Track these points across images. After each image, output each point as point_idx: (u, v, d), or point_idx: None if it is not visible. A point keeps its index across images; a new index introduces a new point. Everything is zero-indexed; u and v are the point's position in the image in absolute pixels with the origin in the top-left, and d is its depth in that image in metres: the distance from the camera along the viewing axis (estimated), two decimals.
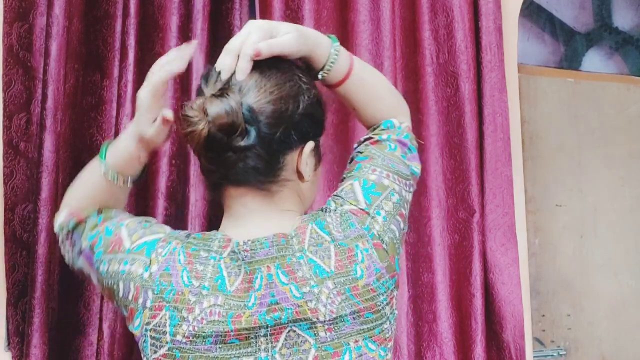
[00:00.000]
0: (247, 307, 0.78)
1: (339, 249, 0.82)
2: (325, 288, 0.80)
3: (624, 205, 2.22)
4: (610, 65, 2.43)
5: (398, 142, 0.94)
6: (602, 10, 2.42)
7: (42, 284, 1.32)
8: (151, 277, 0.80)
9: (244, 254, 0.80)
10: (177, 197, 1.47)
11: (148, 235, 0.85)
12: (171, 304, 0.79)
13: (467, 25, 1.72)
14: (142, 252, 0.83)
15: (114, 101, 1.46)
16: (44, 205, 1.33)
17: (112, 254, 0.85)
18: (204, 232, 0.85)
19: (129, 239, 0.85)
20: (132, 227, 0.87)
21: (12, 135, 1.38)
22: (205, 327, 0.77)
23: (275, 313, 0.78)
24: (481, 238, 1.70)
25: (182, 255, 0.81)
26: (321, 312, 0.79)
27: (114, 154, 0.91)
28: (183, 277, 0.79)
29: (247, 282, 0.79)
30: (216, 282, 0.79)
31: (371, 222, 0.85)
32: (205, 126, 0.77)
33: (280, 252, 0.81)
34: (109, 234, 0.87)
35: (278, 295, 0.78)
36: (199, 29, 1.49)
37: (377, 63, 1.63)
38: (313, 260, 0.81)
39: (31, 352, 1.31)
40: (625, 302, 2.19)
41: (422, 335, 1.67)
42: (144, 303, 0.80)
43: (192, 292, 0.79)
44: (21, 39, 1.40)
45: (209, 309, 0.78)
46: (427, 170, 1.69)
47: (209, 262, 0.80)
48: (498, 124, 1.74)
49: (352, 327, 0.81)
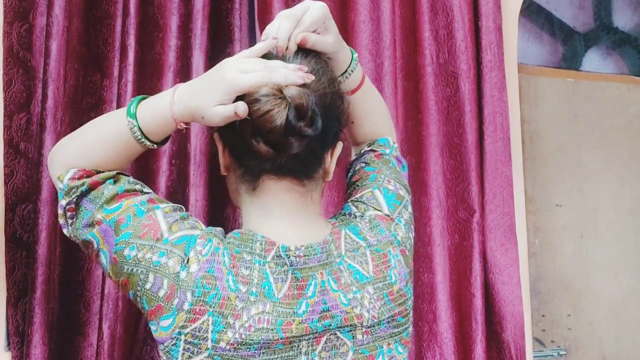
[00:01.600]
0: (296, 314, 0.77)
1: (374, 254, 0.85)
2: (367, 293, 0.82)
3: (624, 205, 2.22)
4: (610, 65, 2.43)
5: (396, 160, 0.98)
6: (601, 10, 2.42)
7: (42, 284, 1.32)
8: (190, 277, 0.74)
9: (295, 259, 0.79)
10: (177, 197, 1.47)
11: (188, 229, 0.79)
12: (215, 309, 0.74)
13: (467, 25, 1.72)
14: (182, 247, 0.76)
15: (114, 101, 1.46)
16: (44, 205, 1.33)
17: (144, 239, 0.77)
18: (241, 231, 0.81)
19: (167, 228, 0.77)
20: (170, 215, 0.79)
21: (12, 135, 1.38)
22: (253, 334, 0.74)
23: (326, 320, 0.78)
24: (481, 238, 1.70)
25: (226, 257, 0.76)
26: (365, 317, 0.81)
27: (147, 114, 0.80)
28: (229, 281, 0.75)
29: (297, 289, 0.78)
30: (263, 288, 0.76)
31: (395, 229, 0.89)
32: (285, 106, 0.74)
33: (329, 259, 0.81)
34: (141, 215, 0.78)
35: (330, 303, 0.79)
36: (199, 29, 1.49)
37: (377, 63, 1.63)
38: (352, 266, 0.83)
39: (31, 352, 1.31)
40: (625, 302, 2.19)
41: (422, 335, 1.67)
42: (180, 305, 0.74)
43: (240, 297, 0.74)
44: (21, 39, 1.40)
45: (257, 316, 0.75)
46: (427, 170, 1.69)
47: (254, 266, 0.77)
48: (498, 124, 1.74)
49: (386, 330, 0.83)
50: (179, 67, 1.48)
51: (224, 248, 0.77)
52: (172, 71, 1.47)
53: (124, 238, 0.77)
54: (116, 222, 0.78)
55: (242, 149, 0.79)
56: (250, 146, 0.77)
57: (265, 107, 0.74)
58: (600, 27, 2.41)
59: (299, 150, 0.77)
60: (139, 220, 0.78)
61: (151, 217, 0.78)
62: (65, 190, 0.81)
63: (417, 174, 1.70)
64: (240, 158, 0.82)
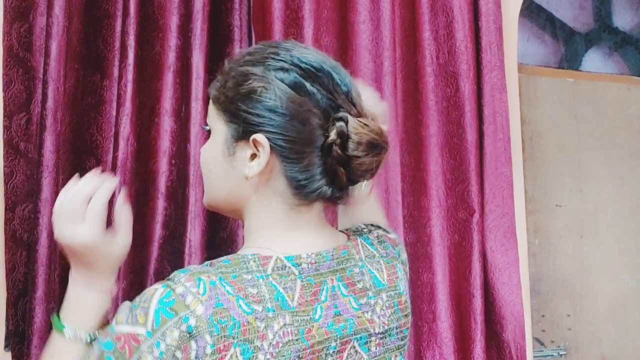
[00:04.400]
0: (314, 319, 0.76)
1: (386, 264, 0.88)
2: (380, 300, 0.84)
3: (624, 205, 2.22)
4: (610, 65, 2.42)
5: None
6: (602, 11, 2.42)
7: (42, 284, 1.32)
8: (201, 320, 0.69)
9: (307, 266, 0.78)
10: (177, 197, 1.47)
11: (146, 307, 0.71)
12: (239, 338, 0.70)
13: (467, 25, 1.72)
14: (164, 320, 0.70)
15: (114, 101, 1.46)
16: (44, 205, 1.33)
17: (134, 353, 0.70)
18: (229, 257, 0.77)
19: (138, 326, 0.70)
20: (125, 318, 0.72)
21: (12, 135, 1.38)
22: (282, 350, 0.72)
23: (340, 323, 0.79)
24: (481, 238, 1.70)
25: (227, 286, 0.72)
26: (376, 323, 0.82)
27: (73, 314, 0.81)
28: (241, 306, 0.71)
29: (311, 295, 0.77)
30: (277, 300, 0.74)
31: (400, 250, 0.93)
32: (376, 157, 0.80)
33: (341, 265, 0.82)
34: (110, 347, 0.71)
35: (340, 307, 0.79)
36: (199, 29, 1.49)
37: (377, 63, 1.63)
38: (372, 272, 0.85)
39: (31, 352, 1.31)
40: (625, 302, 2.19)
41: (421, 335, 1.67)
42: (202, 352, 0.69)
43: (259, 317, 0.72)
44: (21, 39, 1.40)
45: (281, 331, 0.73)
46: (427, 170, 1.69)
47: (258, 282, 0.74)
48: (498, 124, 1.74)
49: (395, 342, 0.85)
50: (178, 67, 1.48)
51: (219, 279, 0.73)
52: (172, 71, 1.47)
53: None
54: None
55: (318, 169, 0.79)
56: (332, 173, 0.78)
57: (365, 157, 0.77)
58: (600, 27, 2.41)
59: None
60: (115, 350, 0.71)
61: (119, 337, 0.71)
62: None
63: (417, 174, 1.70)
64: (303, 174, 0.79)
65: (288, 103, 0.76)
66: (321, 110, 0.77)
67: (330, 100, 0.78)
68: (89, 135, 1.47)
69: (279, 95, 0.77)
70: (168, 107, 1.46)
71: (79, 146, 1.45)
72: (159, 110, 1.46)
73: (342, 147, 0.77)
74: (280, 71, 0.78)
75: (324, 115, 0.77)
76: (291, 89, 0.77)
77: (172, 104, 1.47)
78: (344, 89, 0.79)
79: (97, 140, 1.46)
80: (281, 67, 0.78)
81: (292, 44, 0.82)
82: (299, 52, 0.80)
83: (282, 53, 0.79)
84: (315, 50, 0.83)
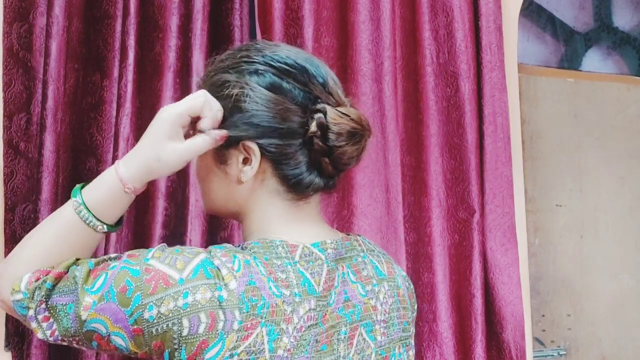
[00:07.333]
0: (329, 304, 0.79)
1: (384, 257, 0.91)
2: (383, 288, 0.86)
3: (624, 205, 2.22)
4: (610, 65, 2.43)
5: None
6: (601, 10, 2.42)
7: None
8: (233, 295, 0.71)
9: (332, 252, 0.81)
10: (177, 197, 1.47)
11: (190, 258, 0.73)
12: (267, 319, 0.72)
13: (467, 25, 1.72)
14: (201, 276, 0.71)
15: (114, 101, 1.45)
16: (44, 205, 1.33)
17: (158, 293, 0.70)
18: (259, 240, 0.79)
19: (173, 269, 0.72)
20: (164, 257, 0.74)
21: (12, 135, 1.38)
22: (304, 334, 0.74)
23: (349, 309, 0.81)
24: (481, 238, 1.70)
25: (260, 266, 0.74)
26: (379, 310, 0.84)
27: (92, 191, 0.80)
28: (272, 288, 0.73)
29: (331, 281, 0.80)
30: (304, 286, 0.76)
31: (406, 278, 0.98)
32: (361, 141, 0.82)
33: (348, 253, 0.85)
34: (137, 274, 0.72)
35: (349, 293, 0.82)
36: (199, 29, 1.49)
37: (377, 63, 1.63)
38: (373, 262, 0.88)
39: (31, 352, 1.31)
40: (625, 302, 2.19)
41: (422, 335, 1.67)
42: (229, 326, 0.70)
43: (286, 301, 0.73)
44: (21, 39, 1.40)
45: (305, 315, 0.75)
46: (427, 170, 1.69)
47: (287, 268, 0.76)
48: (498, 124, 1.74)
49: (397, 333, 0.87)
50: (179, 67, 1.48)
51: (253, 258, 0.75)
52: (172, 71, 1.47)
53: (137, 303, 0.71)
54: (118, 294, 0.72)
55: (305, 164, 0.81)
56: (318, 164, 0.80)
57: (346, 146, 0.79)
58: (600, 27, 2.41)
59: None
60: (139, 279, 0.71)
61: (149, 270, 0.72)
62: (28, 297, 0.75)
63: (417, 174, 1.70)
64: (302, 177, 0.81)
65: (268, 105, 0.78)
66: (300, 106, 0.79)
67: (307, 93, 0.79)
68: (89, 135, 1.47)
69: (257, 99, 0.78)
70: None
71: (79, 146, 1.45)
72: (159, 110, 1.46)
73: (323, 138, 0.78)
74: (255, 75, 0.79)
75: (303, 110, 0.79)
76: (269, 91, 0.79)
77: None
78: (320, 80, 0.81)
79: (97, 140, 1.46)
80: (255, 69, 0.80)
81: (263, 43, 0.84)
82: (270, 51, 0.81)
83: (254, 55, 0.81)
84: (287, 46, 0.84)
